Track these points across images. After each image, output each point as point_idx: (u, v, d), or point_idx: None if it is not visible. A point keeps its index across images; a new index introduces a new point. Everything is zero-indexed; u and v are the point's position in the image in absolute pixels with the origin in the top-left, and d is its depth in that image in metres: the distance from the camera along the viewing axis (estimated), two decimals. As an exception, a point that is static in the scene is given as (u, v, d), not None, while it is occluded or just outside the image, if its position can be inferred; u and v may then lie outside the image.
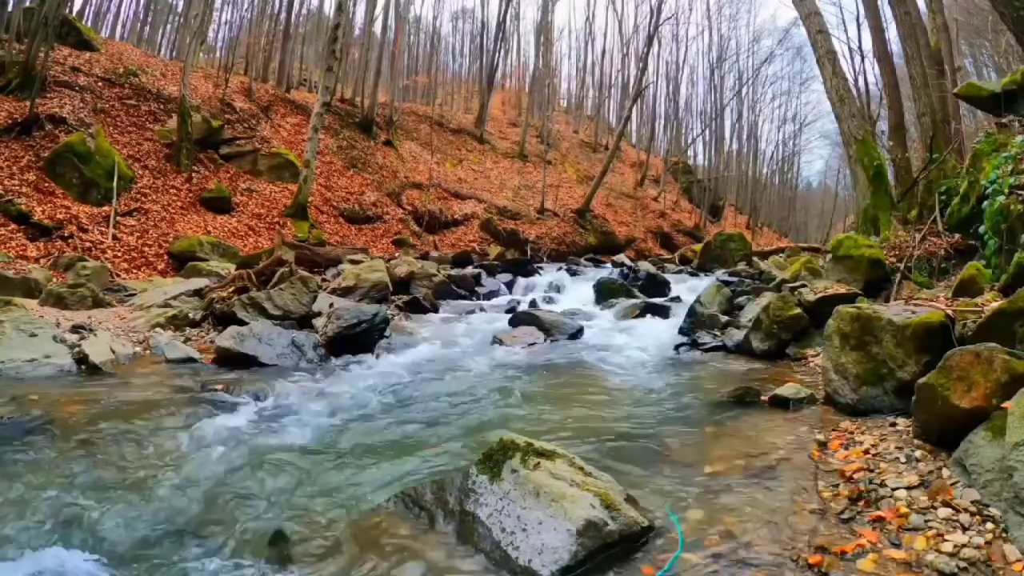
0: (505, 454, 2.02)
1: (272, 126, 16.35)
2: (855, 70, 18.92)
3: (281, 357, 4.37)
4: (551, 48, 31.18)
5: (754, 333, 4.65)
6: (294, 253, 7.74)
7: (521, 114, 29.41)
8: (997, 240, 4.44)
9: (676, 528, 1.88)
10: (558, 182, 21.96)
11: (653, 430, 2.93)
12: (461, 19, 40.49)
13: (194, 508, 2.14)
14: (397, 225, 15.93)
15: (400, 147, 19.94)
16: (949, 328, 2.84)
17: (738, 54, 34.37)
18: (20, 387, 3.40)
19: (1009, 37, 9.95)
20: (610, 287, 7.98)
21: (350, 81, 22.68)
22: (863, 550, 1.73)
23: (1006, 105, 5.72)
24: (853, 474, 2.21)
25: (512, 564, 1.70)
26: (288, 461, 2.54)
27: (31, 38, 11.34)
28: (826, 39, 9.38)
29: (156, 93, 13.87)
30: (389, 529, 1.93)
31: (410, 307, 6.90)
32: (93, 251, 8.53)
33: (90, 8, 21.71)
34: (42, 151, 9.85)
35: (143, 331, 4.96)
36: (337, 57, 15.16)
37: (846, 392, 3.01)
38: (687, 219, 26.83)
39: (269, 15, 22.53)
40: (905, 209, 8.16)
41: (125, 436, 2.73)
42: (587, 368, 4.47)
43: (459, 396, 3.67)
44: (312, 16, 28.81)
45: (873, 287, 5.55)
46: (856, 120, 8.93)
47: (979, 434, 2.03)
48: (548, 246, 17.98)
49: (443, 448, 2.73)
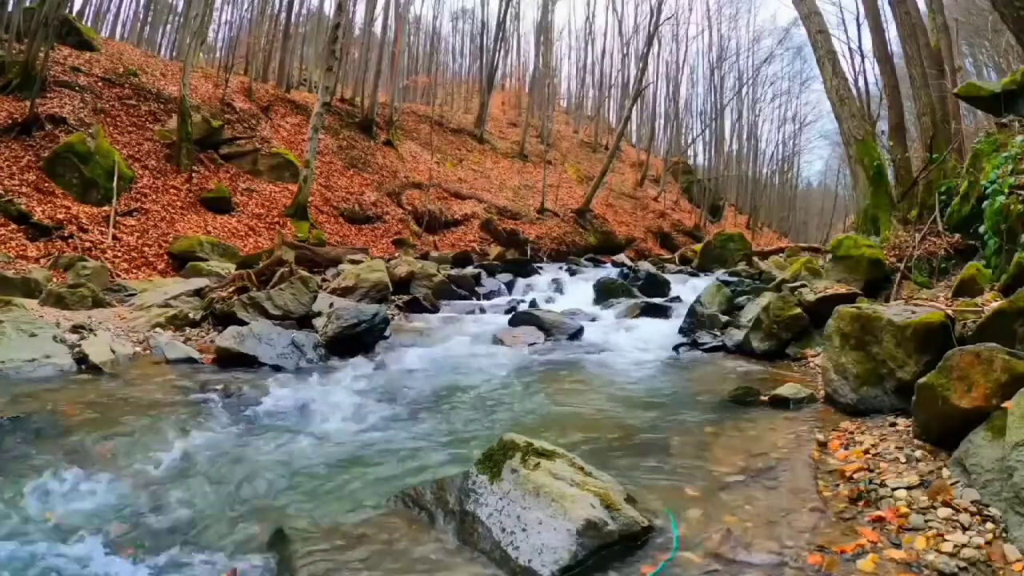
0: (505, 454, 2.02)
1: (272, 126, 16.34)
2: (855, 70, 18.92)
3: (281, 357, 4.36)
4: (551, 48, 31.20)
5: (754, 333, 4.65)
6: (294, 253, 7.73)
7: (521, 114, 29.41)
8: (997, 240, 4.45)
9: (673, 530, 1.88)
10: (558, 182, 21.96)
11: (653, 430, 2.94)
12: (461, 19, 40.53)
13: (194, 508, 2.14)
14: (397, 225, 15.93)
15: (400, 147, 19.94)
16: (949, 328, 2.84)
17: (738, 54, 34.39)
18: (20, 387, 3.40)
19: (1009, 37, 9.94)
20: (610, 287, 7.97)
21: (350, 81, 22.68)
22: (863, 550, 1.73)
23: (1006, 105, 5.71)
24: (853, 474, 2.21)
25: (512, 564, 1.70)
26: (288, 461, 2.55)
27: (31, 38, 11.34)
28: (826, 39, 9.37)
29: (156, 93, 13.87)
30: (389, 529, 1.93)
31: (410, 307, 6.89)
32: (93, 251, 8.53)
33: (90, 8, 21.70)
34: (42, 151, 9.85)
35: (143, 331, 4.96)
36: (337, 57, 15.17)
37: (846, 392, 3.01)
38: (687, 219, 26.82)
39: (269, 15, 22.53)
40: (905, 209, 8.15)
41: (125, 436, 2.73)
42: (587, 368, 4.47)
43: (459, 396, 3.67)
44: (312, 16, 28.81)
45: (873, 287, 5.55)
46: (856, 120, 8.93)
47: (979, 434, 2.03)
48: (548, 246, 17.98)
49: (443, 448, 2.73)
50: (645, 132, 33.13)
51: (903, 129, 10.87)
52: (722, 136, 32.74)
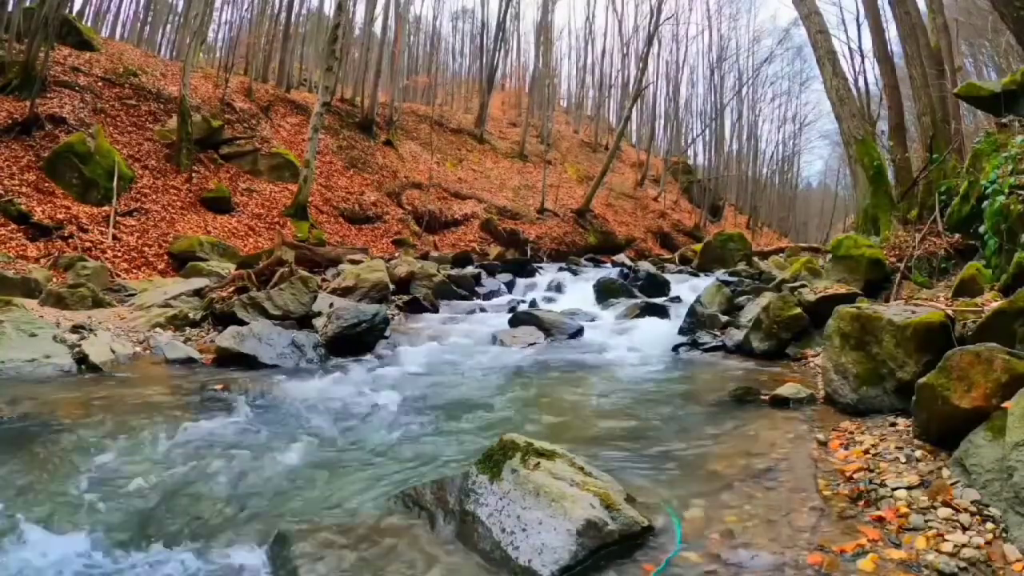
0: (505, 454, 2.02)
1: (272, 126, 16.35)
2: (855, 70, 18.97)
3: (281, 357, 4.36)
4: (551, 48, 31.19)
5: (754, 333, 4.65)
6: (294, 253, 7.73)
7: (521, 114, 29.40)
8: (997, 240, 4.44)
9: (676, 527, 1.88)
10: (558, 182, 21.96)
11: (653, 429, 2.94)
12: (461, 19, 40.52)
13: (194, 508, 2.14)
14: (397, 225, 15.94)
15: (400, 147, 19.94)
16: (949, 328, 2.84)
17: (738, 54, 34.43)
18: (20, 387, 3.40)
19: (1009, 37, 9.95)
20: (610, 287, 7.97)
21: (350, 81, 22.68)
22: (863, 549, 1.73)
23: (1006, 105, 5.71)
24: (853, 474, 2.21)
25: (512, 564, 1.70)
26: (288, 461, 2.54)
27: (31, 38, 11.35)
28: (826, 39, 9.37)
29: (156, 93, 13.87)
30: (389, 529, 1.93)
31: (410, 307, 6.89)
32: (93, 251, 8.53)
33: (90, 8, 21.72)
34: (42, 151, 9.86)
35: (143, 331, 4.96)
36: (337, 57, 15.16)
37: (846, 392, 3.01)
38: (687, 219, 26.83)
39: (269, 15, 22.54)
40: (905, 209, 8.15)
41: (125, 436, 2.73)
42: (587, 368, 4.47)
43: (459, 396, 3.67)
44: (312, 16, 28.81)
45: (873, 287, 5.55)
46: (856, 120, 8.93)
47: (979, 434, 2.03)
48: (548, 246, 17.99)
49: (443, 448, 2.73)
50: (645, 132, 33.15)
51: (903, 129, 10.87)
52: (722, 136, 32.77)
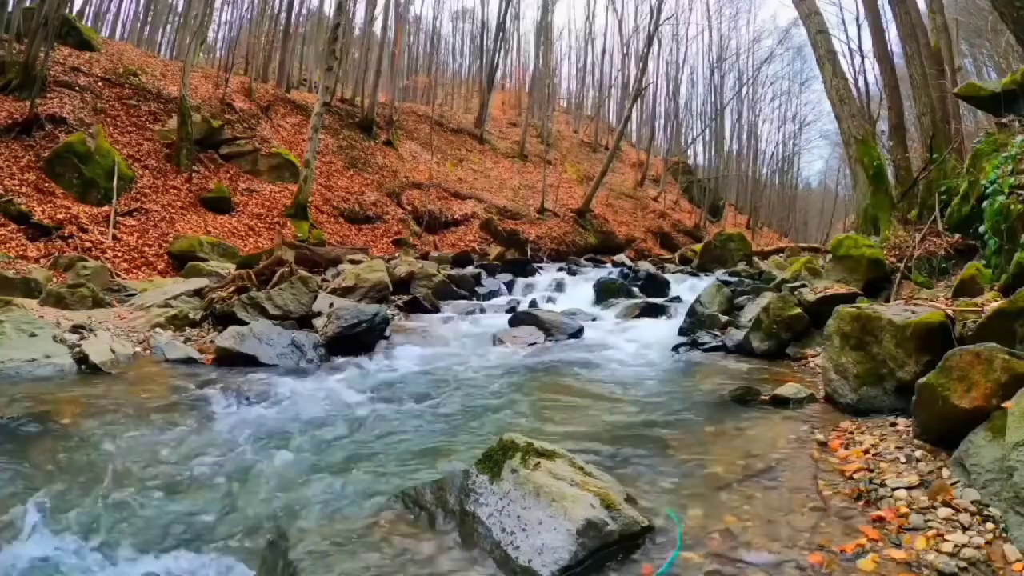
0: (505, 454, 2.02)
1: (272, 126, 16.35)
2: (855, 70, 18.92)
3: (281, 357, 4.36)
4: (551, 48, 31.18)
5: (754, 333, 4.65)
6: (294, 253, 7.74)
7: (521, 114, 29.40)
8: (997, 240, 4.45)
9: (676, 527, 1.88)
10: (558, 182, 21.96)
11: (653, 429, 2.93)
12: (461, 19, 40.50)
13: (193, 508, 2.14)
14: (397, 225, 15.93)
15: (400, 147, 19.94)
16: (949, 328, 2.84)
17: (738, 54, 34.40)
18: (20, 387, 3.40)
19: (1009, 37, 9.94)
20: (610, 287, 7.97)
21: (350, 81, 22.69)
22: (863, 549, 1.73)
23: (1006, 105, 5.72)
24: (853, 474, 2.21)
25: (512, 564, 1.69)
26: (288, 461, 2.54)
27: (31, 38, 11.34)
28: (826, 39, 9.38)
29: (156, 93, 13.87)
30: (389, 529, 1.93)
31: (410, 307, 6.89)
32: (93, 251, 8.53)
33: (90, 8, 21.73)
34: (42, 151, 9.86)
35: (143, 331, 4.96)
36: (337, 57, 15.17)
37: (846, 392, 3.01)
38: (687, 219, 26.82)
39: (269, 15, 22.54)
40: (905, 209, 8.16)
41: (124, 436, 2.73)
42: (587, 368, 4.47)
43: (459, 396, 3.66)
44: (312, 16, 28.81)
45: (873, 287, 5.55)
46: (856, 120, 8.93)
47: (979, 434, 2.03)
48: (548, 246, 17.99)
49: (443, 448, 2.73)
50: (645, 132, 33.16)
51: (903, 129, 10.87)
52: (722, 136, 32.74)
